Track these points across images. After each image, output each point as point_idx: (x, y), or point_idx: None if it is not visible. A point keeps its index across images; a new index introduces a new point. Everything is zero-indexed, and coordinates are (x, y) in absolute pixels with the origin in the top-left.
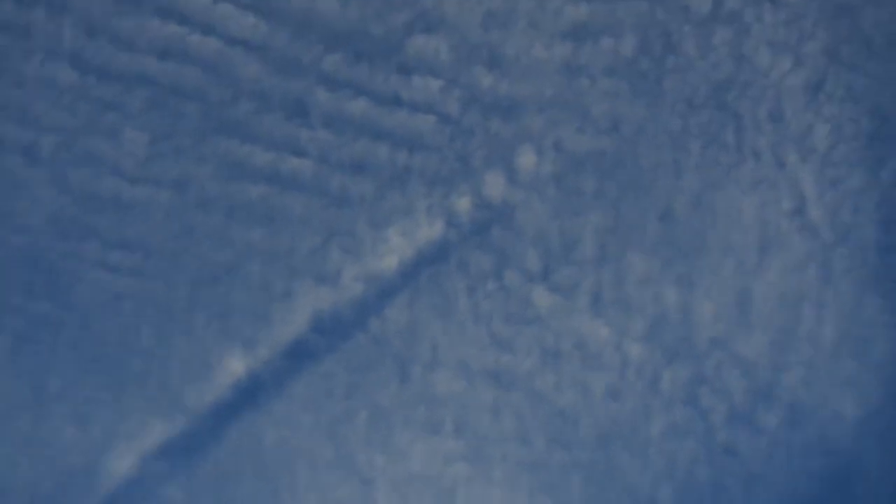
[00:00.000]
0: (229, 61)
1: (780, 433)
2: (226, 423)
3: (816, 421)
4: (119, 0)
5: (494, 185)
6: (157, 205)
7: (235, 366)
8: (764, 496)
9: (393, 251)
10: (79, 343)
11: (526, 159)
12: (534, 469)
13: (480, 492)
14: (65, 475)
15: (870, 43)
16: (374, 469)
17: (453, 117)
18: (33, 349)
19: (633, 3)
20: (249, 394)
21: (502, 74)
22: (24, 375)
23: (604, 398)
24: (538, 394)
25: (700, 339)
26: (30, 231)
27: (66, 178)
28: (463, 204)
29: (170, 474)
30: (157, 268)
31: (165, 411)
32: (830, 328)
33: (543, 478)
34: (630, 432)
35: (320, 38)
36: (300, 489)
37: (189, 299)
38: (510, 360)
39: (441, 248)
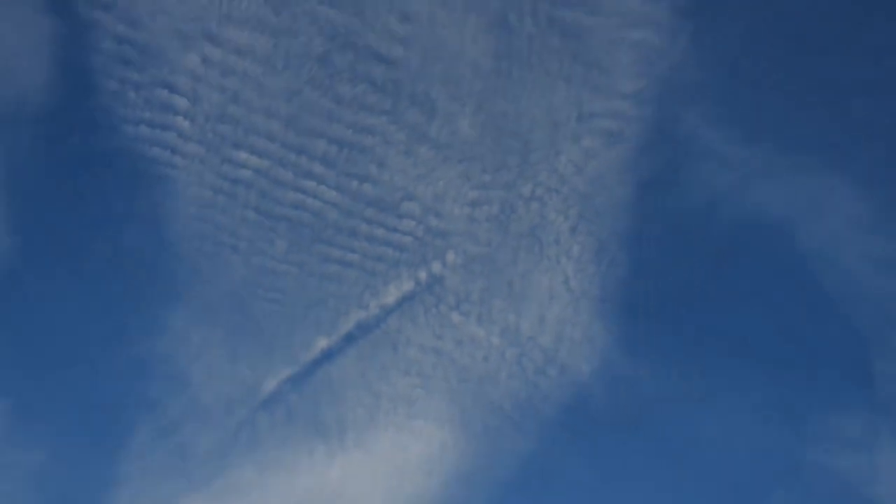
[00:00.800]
0: (323, 212)
1: (556, 379)
2: (318, 367)
3: (571, 375)
4: (274, 184)
5: (436, 268)
6: (289, 274)
7: (322, 342)
8: (548, 405)
9: (391, 295)
10: (253, 331)
11: (450, 257)
12: (450, 392)
13: (426, 402)
14: (237, 388)
15: (599, 210)
16: (380, 388)
17: (420, 237)
18: (231, 333)
19: (494, 191)
20: (328, 355)
21: (442, 219)
22: (225, 344)
23: (482, 361)
24: (453, 360)
25: (523, 337)
26: (232, 284)
27: (251, 263)
28: (423, 275)
29: (292, 391)
30: (289, 299)
31: (290, 361)
32: (578, 333)
33: (454, 397)
34: (493, 377)
35: (363, 202)
36: (352, 396)
37: (304, 314)
38: (441, 344)
39: (412, 295)
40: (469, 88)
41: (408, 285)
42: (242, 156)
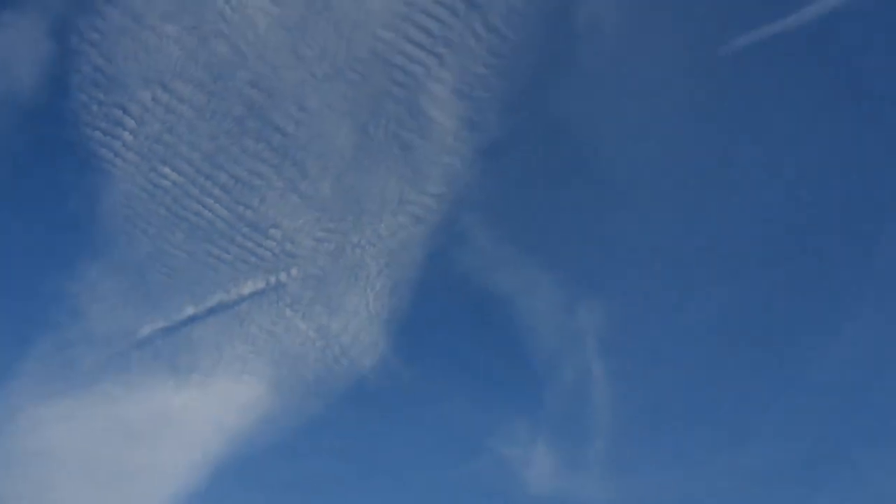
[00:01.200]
0: (214, 222)
1: (347, 367)
2: (183, 326)
3: (357, 366)
4: (184, 195)
5: (283, 276)
6: (179, 258)
7: (191, 309)
8: (339, 383)
9: (248, 288)
10: (143, 290)
11: (294, 272)
12: (273, 361)
13: (255, 364)
14: (122, 328)
15: (398, 264)
16: (224, 349)
17: (276, 254)
18: (127, 288)
19: (334, 235)
20: (193, 319)
21: (295, 246)
22: (120, 295)
23: (299, 345)
24: (280, 340)
25: (331, 335)
26: (138, 256)
27: (154, 244)
28: (273, 279)
29: (160, 338)
30: (175, 275)
31: (164, 317)
32: (367, 339)
33: (275, 365)
34: (305, 357)
35: (243, 222)
36: (203, 350)
37: (182, 287)
38: (274, 328)
39: (262, 292)
40: (333, 165)
41: (260, 284)
42: (166, 170)
